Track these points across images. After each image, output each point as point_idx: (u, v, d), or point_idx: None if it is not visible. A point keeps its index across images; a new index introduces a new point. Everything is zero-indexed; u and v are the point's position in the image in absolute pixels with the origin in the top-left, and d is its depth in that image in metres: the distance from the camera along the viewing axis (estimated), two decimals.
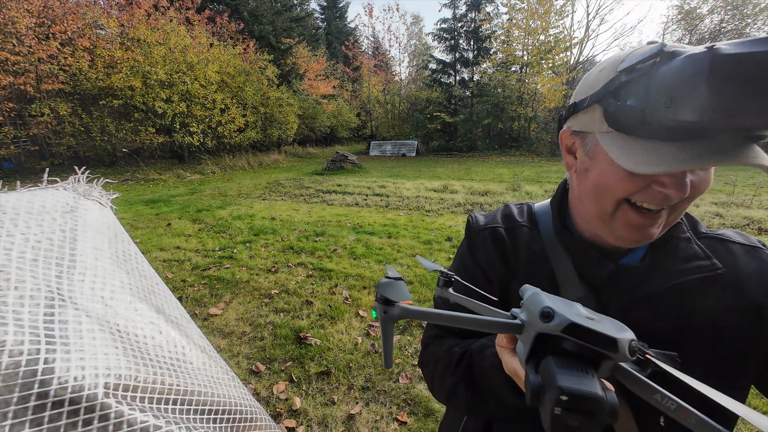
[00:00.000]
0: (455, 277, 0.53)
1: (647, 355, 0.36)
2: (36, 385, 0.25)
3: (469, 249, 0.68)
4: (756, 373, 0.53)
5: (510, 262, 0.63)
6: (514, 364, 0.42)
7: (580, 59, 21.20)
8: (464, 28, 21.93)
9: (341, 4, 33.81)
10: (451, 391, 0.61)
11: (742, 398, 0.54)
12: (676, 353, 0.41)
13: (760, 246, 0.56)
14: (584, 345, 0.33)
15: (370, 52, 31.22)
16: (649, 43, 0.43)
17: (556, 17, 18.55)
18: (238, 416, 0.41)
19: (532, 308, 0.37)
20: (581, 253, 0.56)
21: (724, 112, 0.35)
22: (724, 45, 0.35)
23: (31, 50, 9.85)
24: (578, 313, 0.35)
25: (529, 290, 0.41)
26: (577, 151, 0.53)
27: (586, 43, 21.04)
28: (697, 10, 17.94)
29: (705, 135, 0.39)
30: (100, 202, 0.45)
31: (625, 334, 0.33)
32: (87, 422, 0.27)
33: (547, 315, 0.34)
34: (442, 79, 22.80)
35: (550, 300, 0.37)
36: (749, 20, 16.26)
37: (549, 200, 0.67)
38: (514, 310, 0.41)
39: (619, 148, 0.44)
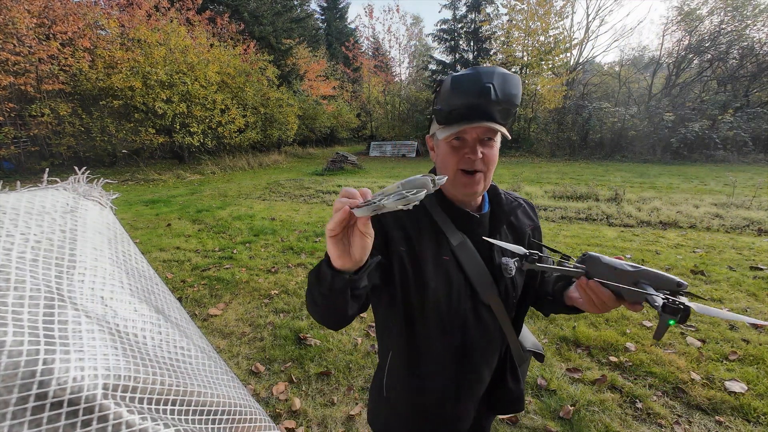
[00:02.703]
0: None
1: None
2: (35, 386, 0.25)
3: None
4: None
5: (405, 228, 0.87)
6: None
7: (580, 60, 21.25)
8: (464, 29, 21.97)
9: (341, 5, 33.84)
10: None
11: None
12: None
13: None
14: None
15: (370, 53, 31.19)
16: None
17: (556, 18, 18.59)
18: (237, 417, 0.41)
19: None
20: (455, 212, 0.85)
21: (463, 98, 0.72)
22: (459, 72, 0.74)
23: (32, 50, 9.85)
24: None
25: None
26: (434, 147, 0.87)
27: (586, 44, 21.12)
28: (697, 12, 17.96)
29: (467, 118, 0.74)
30: (100, 203, 0.45)
31: None
32: (86, 423, 0.27)
33: None
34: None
35: None
36: (749, 21, 16.27)
37: None
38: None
39: (440, 133, 0.79)
